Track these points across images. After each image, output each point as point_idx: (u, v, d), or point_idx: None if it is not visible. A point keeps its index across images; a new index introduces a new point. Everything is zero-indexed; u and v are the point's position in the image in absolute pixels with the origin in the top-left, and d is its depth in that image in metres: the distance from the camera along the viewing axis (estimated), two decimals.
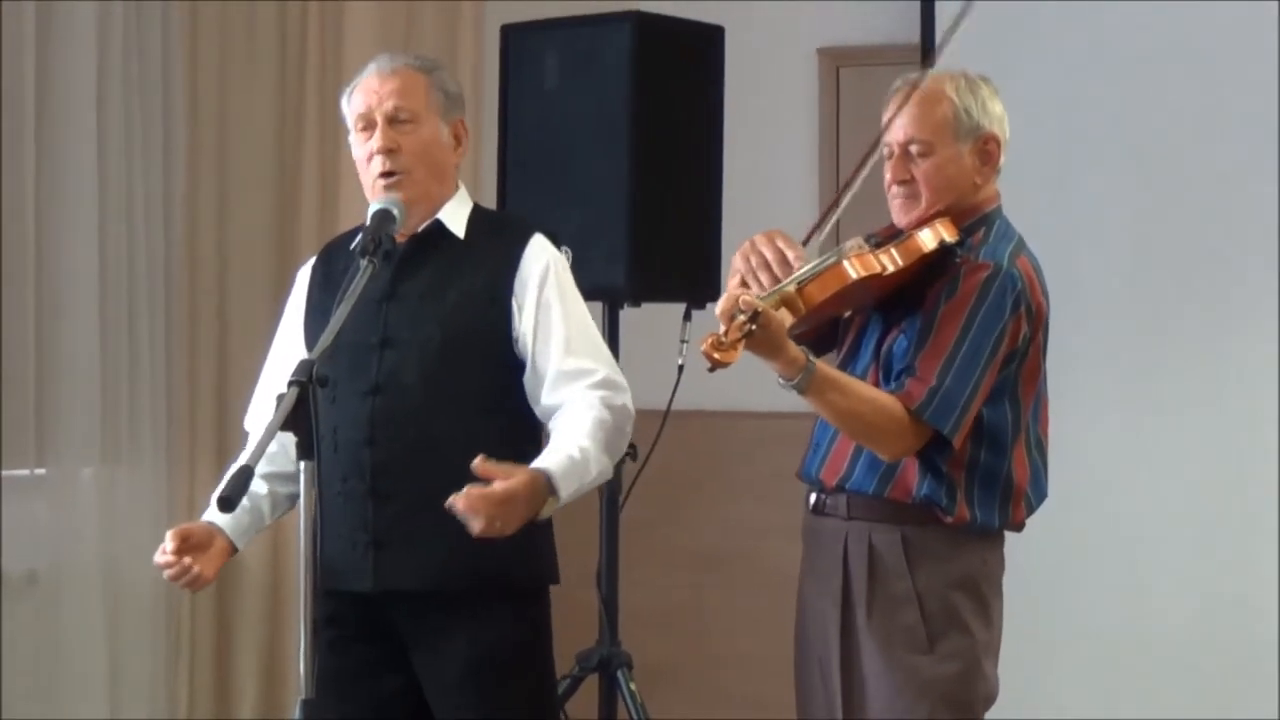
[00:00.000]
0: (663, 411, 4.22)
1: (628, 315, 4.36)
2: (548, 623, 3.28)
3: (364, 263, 2.99)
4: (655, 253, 4.25)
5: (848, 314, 3.40)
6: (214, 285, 5.37)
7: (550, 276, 3.21)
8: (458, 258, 3.22)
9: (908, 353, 3.18)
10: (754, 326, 2.93)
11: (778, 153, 5.78)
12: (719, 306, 3.03)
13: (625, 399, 3.20)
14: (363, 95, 3.24)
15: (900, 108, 3.25)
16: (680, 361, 4.16)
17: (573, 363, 3.17)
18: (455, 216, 3.27)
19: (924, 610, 3.20)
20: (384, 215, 3.12)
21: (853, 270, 3.11)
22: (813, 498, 3.35)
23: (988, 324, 3.14)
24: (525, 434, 3.23)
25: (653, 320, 4.41)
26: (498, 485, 2.89)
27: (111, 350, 4.97)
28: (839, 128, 5.64)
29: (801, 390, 3.05)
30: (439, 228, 3.24)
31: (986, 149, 3.26)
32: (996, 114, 3.27)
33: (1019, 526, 3.30)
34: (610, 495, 4.32)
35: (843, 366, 3.31)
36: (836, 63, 5.67)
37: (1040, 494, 3.31)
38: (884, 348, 3.26)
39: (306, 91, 5.48)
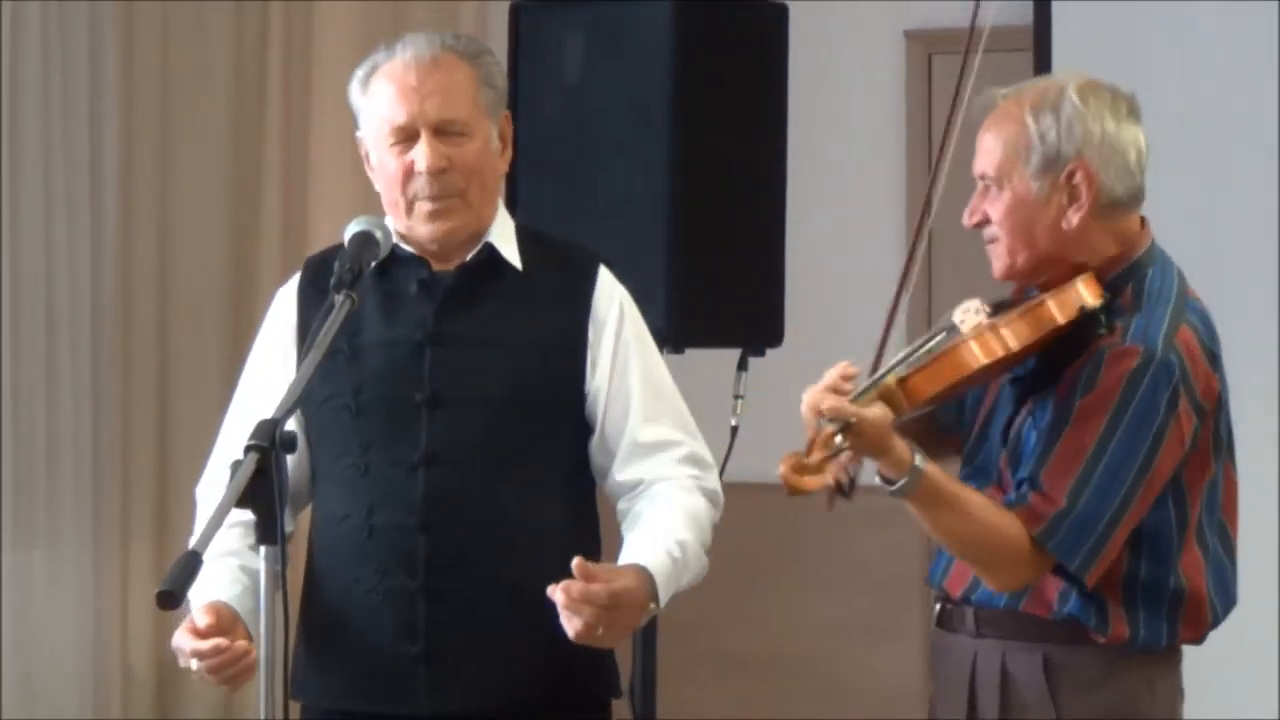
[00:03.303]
0: None
1: (669, 363, 4.36)
2: None
3: (339, 298, 2.93)
4: (703, 285, 4.25)
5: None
6: (152, 322, 5.39)
7: (627, 322, 3.21)
8: (518, 293, 3.18)
9: (1034, 450, 3.09)
10: (844, 440, 2.91)
11: (856, 158, 5.78)
12: (804, 408, 2.99)
13: (715, 481, 3.22)
14: (399, 96, 3.12)
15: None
16: (734, 422, 4.15)
17: (652, 432, 3.17)
18: (505, 240, 3.21)
19: None
20: (364, 239, 3.06)
21: (972, 356, 3.01)
22: (937, 608, 3.31)
23: (1136, 430, 3.01)
24: (591, 518, 3.23)
25: (700, 370, 4.40)
26: (603, 585, 2.89)
27: (24, 403, 4.99)
28: (931, 127, 5.65)
29: (904, 496, 3.01)
30: (492, 254, 3.20)
31: (1073, 184, 3.08)
32: (1093, 136, 3.08)
33: (1199, 640, 3.21)
34: None
35: (971, 452, 3.26)
36: (928, 48, 5.69)
37: (1227, 597, 3.23)
38: (1013, 430, 3.18)
39: (267, 91, 5.52)
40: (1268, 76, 5.28)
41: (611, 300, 3.22)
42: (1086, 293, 3.07)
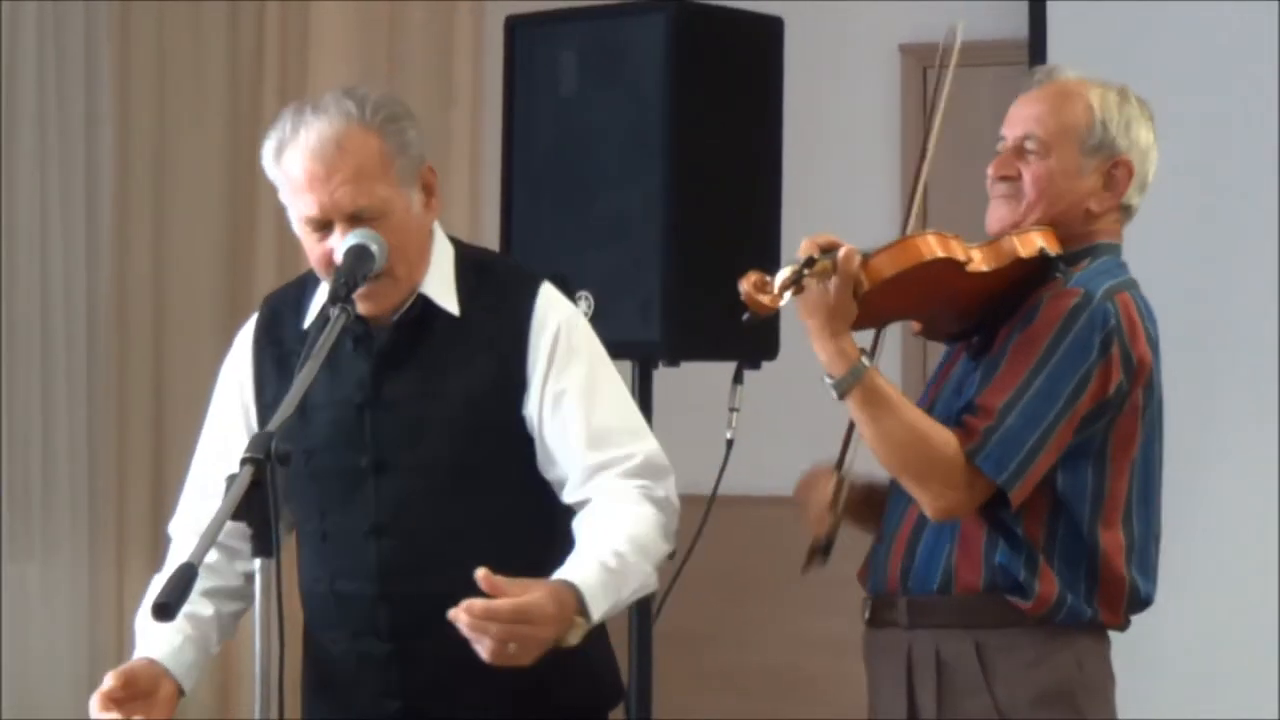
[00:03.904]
0: (707, 497, 4.21)
1: (663, 377, 4.36)
2: None
3: (334, 311, 2.92)
4: (698, 299, 4.25)
5: (936, 341, 3.47)
6: (148, 336, 5.39)
7: (560, 349, 3.11)
8: (454, 342, 3.11)
9: (976, 384, 3.23)
10: (807, 271, 3.02)
11: (852, 172, 5.78)
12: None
13: (668, 488, 3.13)
14: (308, 186, 3.04)
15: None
16: (729, 435, 4.15)
17: (598, 456, 3.08)
18: (441, 286, 3.14)
19: None
20: (359, 252, 3.02)
21: (929, 248, 3.15)
22: (869, 607, 3.38)
23: (1068, 362, 3.17)
24: (569, 546, 3.13)
25: (695, 383, 4.41)
26: (507, 601, 2.79)
27: (19, 413, 4.99)
28: (926, 141, 5.66)
29: (843, 393, 3.13)
30: (426, 305, 3.12)
31: (1114, 174, 3.30)
32: (1140, 142, 3.32)
33: (1121, 624, 3.30)
34: (642, 602, 4.31)
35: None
36: (923, 62, 5.69)
37: (1149, 585, 3.30)
38: (954, 377, 3.33)
39: (263, 97, 5.53)
40: (1267, 89, 5.31)
41: (544, 329, 3.12)
42: (1045, 241, 3.27)
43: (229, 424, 3.23)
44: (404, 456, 3.09)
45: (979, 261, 3.21)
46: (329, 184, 3.01)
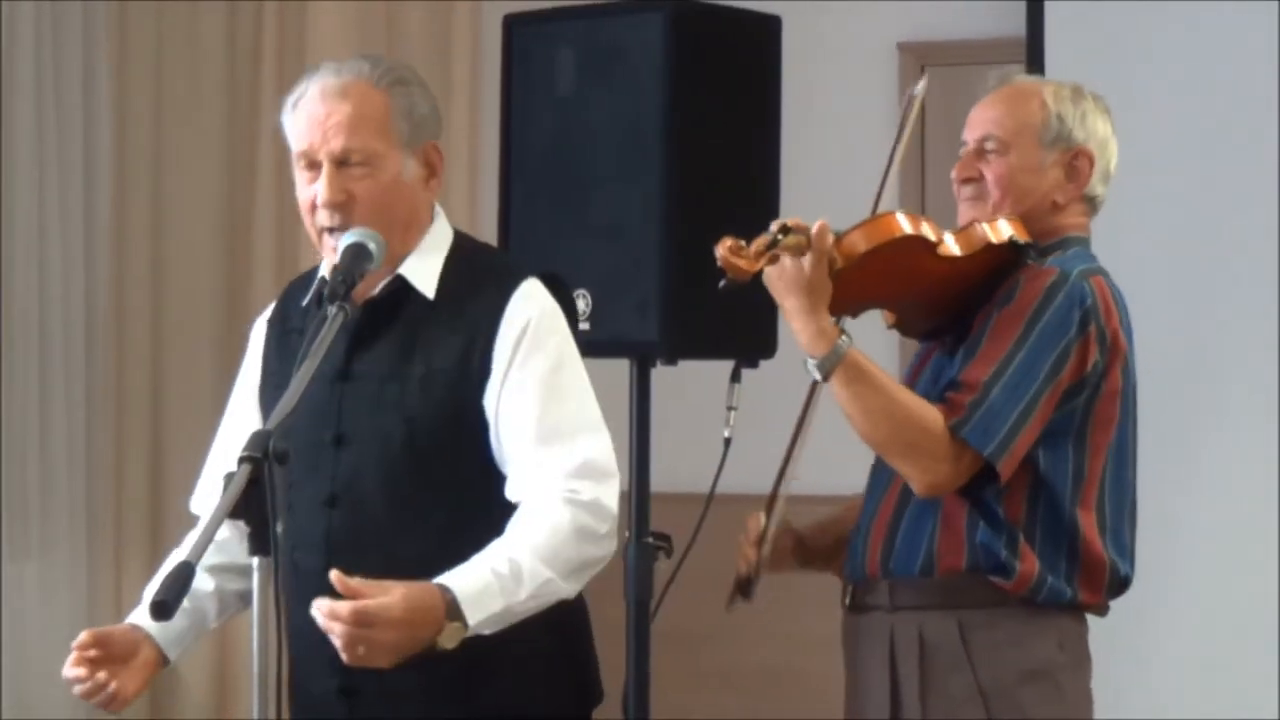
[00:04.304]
0: (704, 496, 4.21)
1: (661, 376, 4.36)
2: None
3: (333, 309, 2.94)
4: (696, 298, 4.24)
5: (916, 341, 3.52)
6: (146, 336, 5.40)
7: (525, 343, 3.11)
8: (425, 324, 3.14)
9: (958, 363, 3.29)
10: (781, 237, 3.09)
11: (849, 170, 5.76)
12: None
13: (601, 490, 3.07)
14: (306, 124, 3.12)
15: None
16: (727, 433, 4.15)
17: (540, 454, 3.06)
18: (424, 269, 3.17)
19: (989, 711, 3.24)
20: (357, 250, 3.05)
21: (900, 226, 3.22)
22: (849, 593, 3.41)
23: (1048, 337, 3.23)
24: None
25: (693, 382, 4.41)
26: (347, 604, 2.80)
27: (17, 414, 4.99)
28: (924, 139, 5.66)
29: (826, 374, 3.17)
30: (402, 285, 3.16)
31: (1075, 164, 3.40)
32: (1097, 133, 3.42)
33: (1099, 606, 3.36)
34: (640, 601, 4.30)
35: None
36: (921, 60, 5.70)
37: (1127, 566, 3.35)
38: (943, 375, 3.36)
39: (261, 99, 5.53)
40: (1266, 89, 5.33)
41: (514, 321, 3.13)
42: (1015, 230, 3.34)
43: (243, 414, 3.30)
44: (362, 429, 3.12)
45: (950, 245, 3.27)
46: (325, 123, 3.10)
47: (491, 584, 2.92)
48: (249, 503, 2.62)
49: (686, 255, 4.23)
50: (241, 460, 2.64)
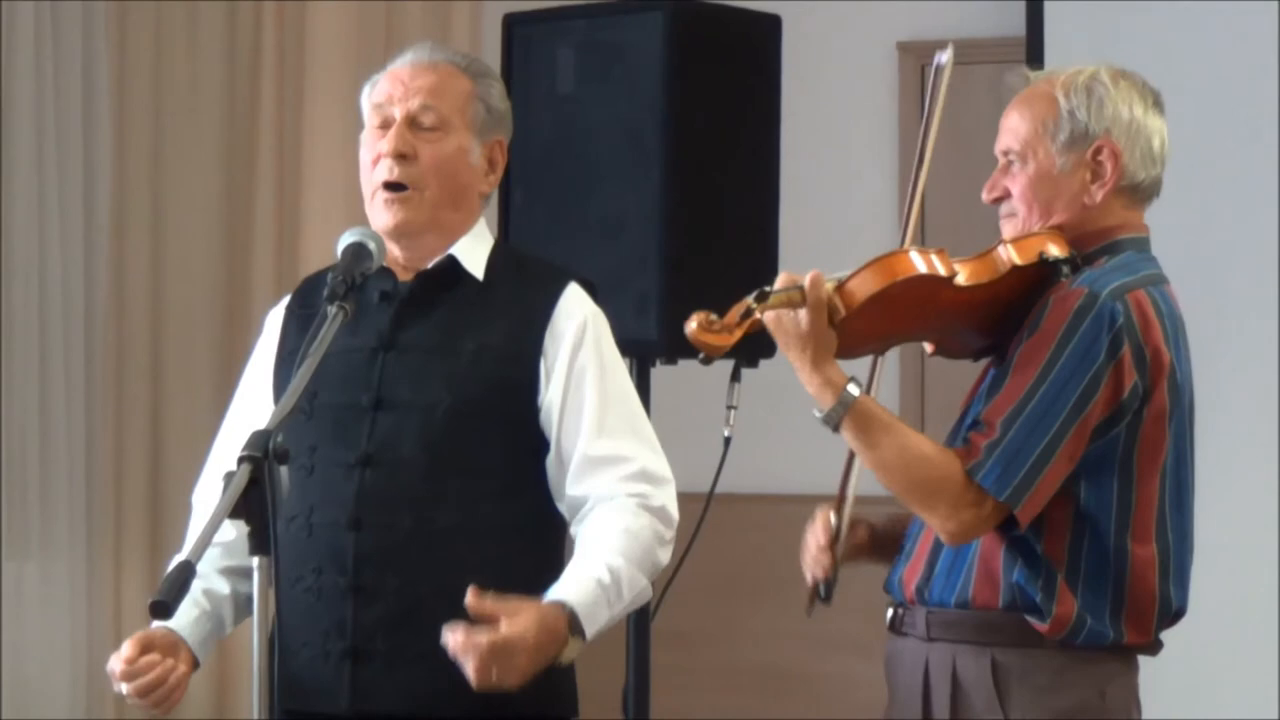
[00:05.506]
0: (705, 495, 4.21)
1: (661, 375, 4.37)
2: None
3: (332, 310, 2.96)
4: (696, 297, 4.22)
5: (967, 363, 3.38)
6: (146, 336, 5.40)
7: (588, 336, 3.19)
8: (475, 304, 3.20)
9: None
10: (756, 305, 2.97)
11: (849, 170, 5.79)
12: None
13: (666, 497, 3.17)
14: (387, 84, 3.22)
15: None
16: (728, 432, 4.15)
17: (604, 446, 3.14)
18: (473, 253, 3.24)
19: None
20: (357, 250, 3.07)
21: (907, 266, 3.04)
22: (890, 613, 3.32)
23: (1073, 367, 3.05)
24: (547, 530, 3.20)
25: (693, 381, 4.41)
26: (498, 631, 2.87)
27: (17, 413, 4.99)
28: (925, 139, 5.67)
29: (835, 425, 3.06)
30: (453, 265, 3.22)
31: (1098, 160, 3.18)
32: (1121, 118, 3.19)
33: (1150, 646, 3.21)
34: None
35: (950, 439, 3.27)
36: (921, 59, 5.70)
37: (1182, 593, 3.20)
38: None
39: (261, 99, 5.53)
40: (1266, 89, 5.35)
41: (572, 316, 3.21)
42: (1052, 244, 3.16)
43: (255, 397, 3.30)
44: (405, 396, 3.15)
45: (967, 276, 3.10)
46: (409, 84, 3.20)
47: (600, 595, 3.01)
48: (249, 502, 2.62)
49: (686, 254, 4.24)
50: (241, 460, 2.64)
